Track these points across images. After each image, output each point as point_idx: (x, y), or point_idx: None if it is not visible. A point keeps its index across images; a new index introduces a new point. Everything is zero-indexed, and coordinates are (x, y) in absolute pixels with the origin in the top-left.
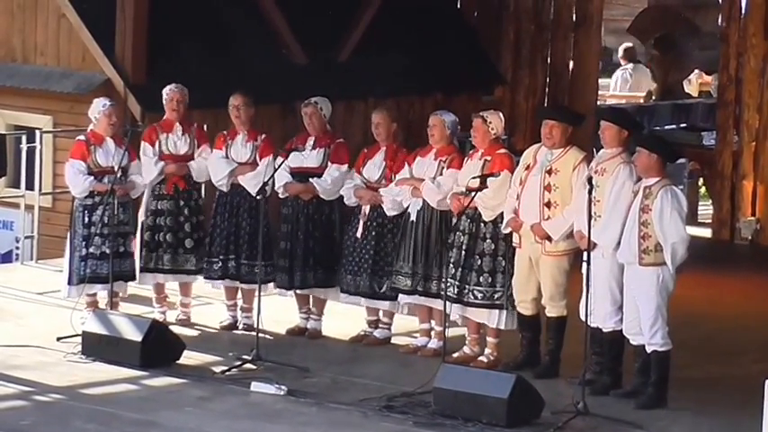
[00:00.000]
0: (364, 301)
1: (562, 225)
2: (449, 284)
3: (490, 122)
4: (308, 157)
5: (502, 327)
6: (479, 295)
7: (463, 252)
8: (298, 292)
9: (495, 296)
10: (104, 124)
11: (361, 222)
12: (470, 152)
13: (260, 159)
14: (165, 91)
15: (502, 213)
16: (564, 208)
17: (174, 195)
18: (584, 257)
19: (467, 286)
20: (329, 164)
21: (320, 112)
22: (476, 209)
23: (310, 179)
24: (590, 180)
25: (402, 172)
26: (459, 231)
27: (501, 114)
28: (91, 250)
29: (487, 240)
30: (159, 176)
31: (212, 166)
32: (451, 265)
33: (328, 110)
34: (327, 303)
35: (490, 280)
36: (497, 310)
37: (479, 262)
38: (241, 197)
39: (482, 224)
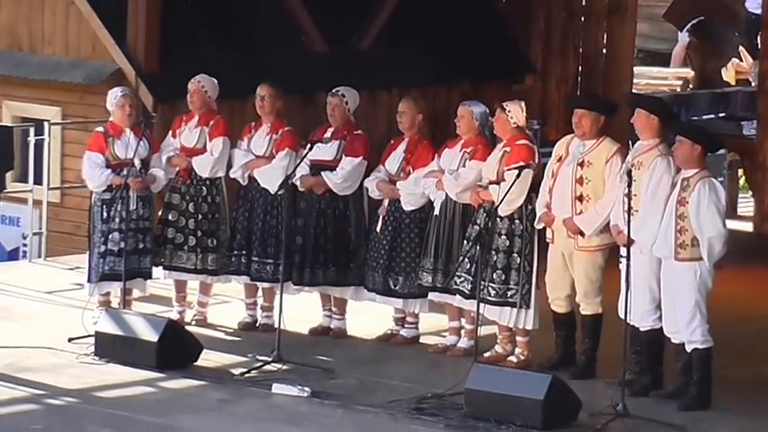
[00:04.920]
0: (379, 298)
1: (595, 220)
2: (462, 279)
3: (509, 111)
4: (323, 149)
5: (511, 325)
6: (492, 292)
7: (478, 247)
8: (307, 289)
9: (509, 294)
10: (120, 115)
11: (381, 217)
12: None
13: (276, 153)
14: None
15: (518, 209)
16: (596, 201)
17: (180, 189)
18: (622, 253)
19: (482, 282)
20: (343, 156)
21: (344, 104)
22: (492, 203)
23: (322, 172)
24: (629, 173)
25: (431, 164)
26: (477, 225)
27: (522, 103)
28: (109, 246)
29: (502, 237)
30: (172, 169)
31: (230, 158)
32: (467, 260)
33: (354, 102)
34: (350, 302)
35: (504, 277)
36: (509, 308)
37: (494, 258)
38: (257, 191)
39: (498, 219)
